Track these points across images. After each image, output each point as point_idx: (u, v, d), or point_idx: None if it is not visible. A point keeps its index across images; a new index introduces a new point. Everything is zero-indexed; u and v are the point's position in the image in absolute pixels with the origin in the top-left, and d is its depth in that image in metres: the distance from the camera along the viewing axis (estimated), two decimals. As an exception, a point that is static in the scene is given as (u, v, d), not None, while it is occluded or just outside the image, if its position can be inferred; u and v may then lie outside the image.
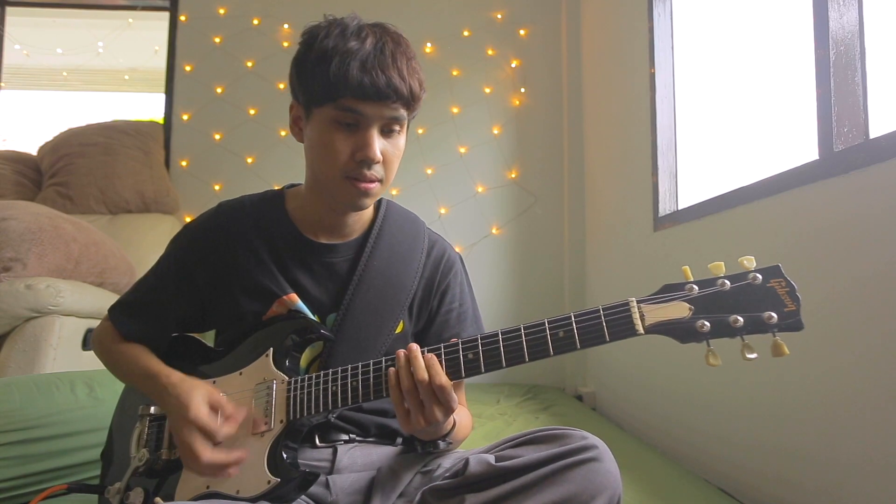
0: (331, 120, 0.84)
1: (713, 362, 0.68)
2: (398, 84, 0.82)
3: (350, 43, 0.82)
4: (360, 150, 0.83)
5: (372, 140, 0.83)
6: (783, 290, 0.67)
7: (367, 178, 0.85)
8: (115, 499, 0.89)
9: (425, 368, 0.75)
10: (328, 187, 0.89)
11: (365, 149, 0.83)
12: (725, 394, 1.64)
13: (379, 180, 0.87)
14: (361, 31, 0.84)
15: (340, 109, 0.82)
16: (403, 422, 0.77)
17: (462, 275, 1.03)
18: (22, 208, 2.04)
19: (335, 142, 0.84)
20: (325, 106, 0.83)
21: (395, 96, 0.82)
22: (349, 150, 0.84)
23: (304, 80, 0.86)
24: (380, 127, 0.85)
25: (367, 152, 0.83)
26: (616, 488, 0.73)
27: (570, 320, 0.72)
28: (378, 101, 0.82)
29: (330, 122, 0.84)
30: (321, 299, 0.93)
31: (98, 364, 1.04)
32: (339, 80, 0.80)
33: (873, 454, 1.13)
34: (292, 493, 0.80)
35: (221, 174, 3.31)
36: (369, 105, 0.82)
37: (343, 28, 0.84)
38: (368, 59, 0.81)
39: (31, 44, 4.05)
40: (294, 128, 0.92)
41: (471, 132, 3.30)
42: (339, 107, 0.82)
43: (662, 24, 2.27)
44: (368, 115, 0.83)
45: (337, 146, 0.84)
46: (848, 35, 1.33)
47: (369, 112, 0.83)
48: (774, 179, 1.49)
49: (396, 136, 0.87)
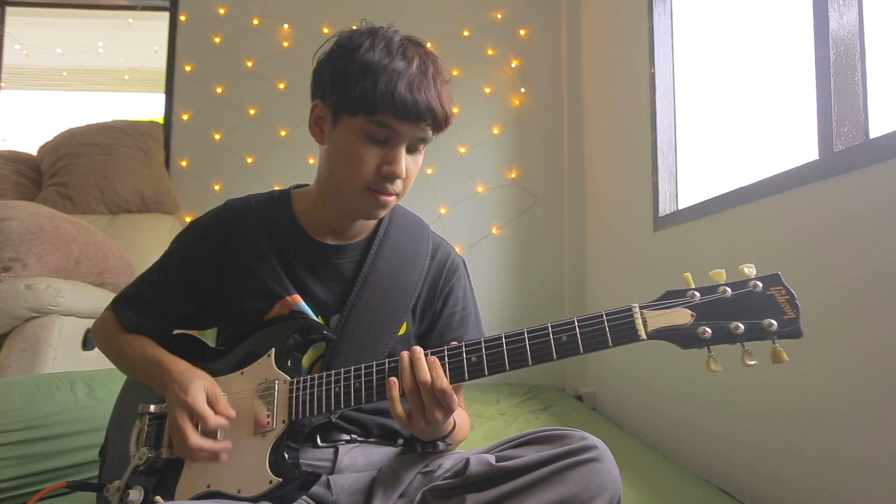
0: (362, 132, 0.84)
1: (714, 368, 0.69)
2: (437, 108, 0.84)
3: (396, 61, 0.82)
4: (388, 164, 0.84)
5: (400, 157, 0.85)
6: (783, 298, 0.68)
7: (388, 191, 0.86)
8: (114, 497, 0.89)
9: (428, 370, 0.75)
10: (346, 195, 0.89)
11: (393, 164, 0.84)
12: (725, 394, 1.64)
13: (397, 194, 0.88)
14: (406, 49, 0.85)
15: (376, 124, 0.83)
16: (404, 422, 0.77)
17: (465, 279, 1.04)
18: (22, 208, 2.04)
19: (363, 153, 0.84)
20: (358, 116, 0.83)
21: (431, 119, 0.84)
22: (376, 163, 0.84)
23: (341, 88, 0.84)
24: (407, 145, 0.86)
25: (394, 168, 0.84)
26: (616, 489, 0.73)
27: (573, 325, 0.73)
28: (415, 122, 0.83)
29: (360, 133, 0.84)
30: (326, 300, 0.93)
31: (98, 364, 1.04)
32: (384, 97, 0.81)
33: (873, 454, 1.13)
34: (294, 493, 0.80)
35: (221, 174, 3.31)
36: (406, 125, 0.83)
37: (387, 42, 0.84)
38: (415, 81, 0.82)
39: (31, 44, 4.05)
40: (315, 128, 0.91)
41: (471, 132, 3.30)
42: (375, 121, 0.82)
43: (662, 24, 2.27)
44: (402, 133, 0.84)
45: (365, 157, 0.84)
46: (848, 35, 1.33)
47: (404, 131, 0.84)
48: (774, 179, 1.49)
49: (419, 154, 0.89)
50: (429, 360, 0.76)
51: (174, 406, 0.82)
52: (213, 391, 0.84)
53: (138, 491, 0.87)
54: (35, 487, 1.21)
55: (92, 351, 2.00)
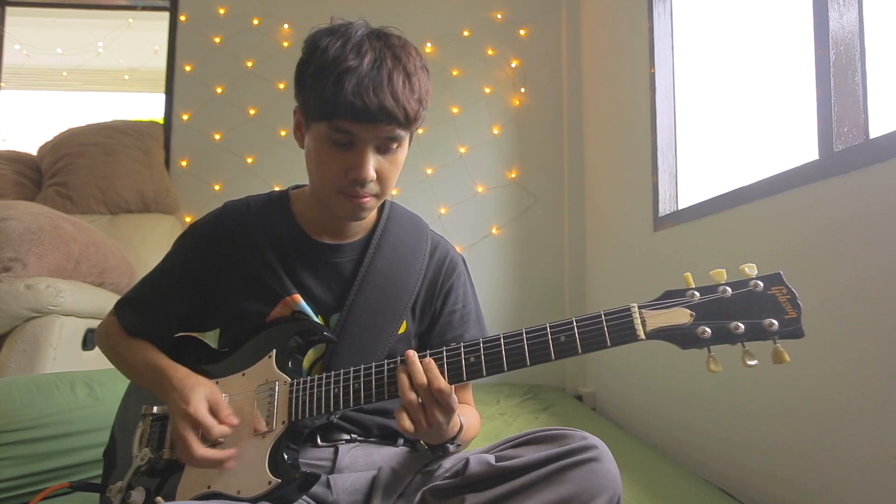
0: (325, 137, 0.83)
1: (714, 368, 0.68)
2: (391, 107, 0.79)
3: (348, 60, 0.79)
4: (353, 169, 0.83)
5: (365, 161, 0.82)
6: (784, 298, 0.68)
7: (359, 194, 0.85)
8: (116, 498, 0.89)
9: (423, 373, 0.75)
10: (324, 199, 0.89)
11: (358, 169, 0.82)
12: (725, 394, 1.64)
13: (374, 195, 0.87)
14: (362, 45, 0.81)
15: (334, 129, 0.81)
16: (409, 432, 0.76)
17: (465, 276, 1.04)
18: (22, 208, 2.04)
19: (328, 159, 0.84)
20: (320, 122, 0.82)
21: (387, 119, 0.80)
22: (343, 168, 0.83)
23: (302, 93, 0.85)
24: (375, 146, 0.83)
25: (359, 172, 0.82)
26: (616, 488, 0.73)
27: (571, 325, 0.73)
28: (371, 123, 0.80)
29: (324, 138, 0.83)
30: (325, 299, 0.93)
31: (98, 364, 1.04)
32: (333, 101, 0.79)
33: (874, 454, 1.13)
34: (293, 493, 0.80)
35: (221, 174, 3.31)
36: (363, 127, 0.80)
37: (345, 40, 0.82)
38: (363, 81, 0.79)
39: (31, 44, 4.05)
40: (297, 132, 0.92)
41: (471, 132, 3.30)
42: (332, 126, 0.81)
43: (662, 24, 2.27)
44: (362, 136, 0.82)
45: (330, 163, 0.84)
46: (848, 35, 1.33)
47: (363, 134, 0.81)
48: (774, 179, 1.49)
49: (394, 152, 0.86)
50: (424, 363, 0.76)
51: (176, 416, 0.83)
52: (215, 398, 0.84)
53: (140, 492, 0.87)
54: (35, 488, 1.21)
55: (92, 351, 2.00)
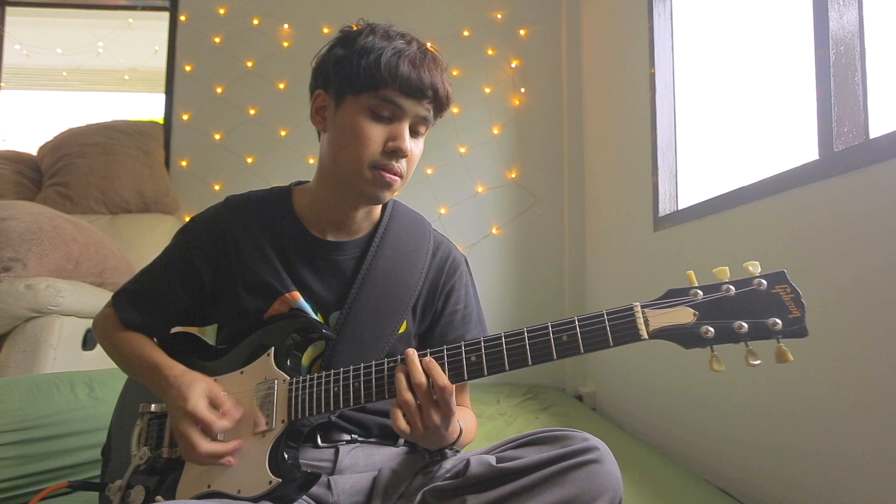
0: (366, 109, 0.85)
1: (717, 368, 0.67)
2: (439, 86, 0.87)
3: (396, 42, 0.86)
4: (393, 140, 0.86)
5: (405, 132, 0.87)
6: (788, 297, 0.67)
7: (394, 169, 0.87)
8: (116, 497, 0.89)
9: (422, 372, 0.75)
10: (351, 176, 0.88)
11: (398, 140, 0.86)
12: (726, 394, 1.64)
13: (401, 175, 0.88)
14: (405, 35, 0.89)
15: (381, 100, 0.85)
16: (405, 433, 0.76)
17: (467, 276, 1.03)
18: (22, 208, 2.04)
19: (369, 129, 0.85)
20: (363, 94, 0.85)
21: (433, 96, 0.87)
22: (382, 139, 0.86)
23: (344, 71, 0.86)
24: (410, 124, 0.87)
25: (399, 143, 0.86)
26: (617, 490, 0.73)
27: (573, 324, 0.72)
28: (418, 98, 0.86)
29: (365, 110, 0.86)
30: (325, 297, 0.92)
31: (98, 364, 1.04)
32: (389, 71, 0.83)
33: (874, 453, 1.13)
34: (293, 493, 0.80)
35: (221, 174, 3.31)
36: (409, 101, 0.85)
37: (386, 30, 0.88)
38: (417, 58, 0.86)
39: (31, 44, 4.05)
40: (316, 117, 0.92)
41: (471, 132, 3.30)
42: (380, 97, 0.84)
43: (662, 24, 2.27)
44: (406, 109, 0.86)
45: (371, 133, 0.85)
46: (848, 35, 1.33)
47: (407, 107, 0.86)
48: (774, 179, 1.49)
49: (419, 137, 0.91)
50: (424, 362, 0.76)
51: (175, 414, 0.82)
52: (214, 393, 0.83)
53: (139, 491, 0.87)
54: (35, 488, 1.21)
55: (92, 351, 2.00)
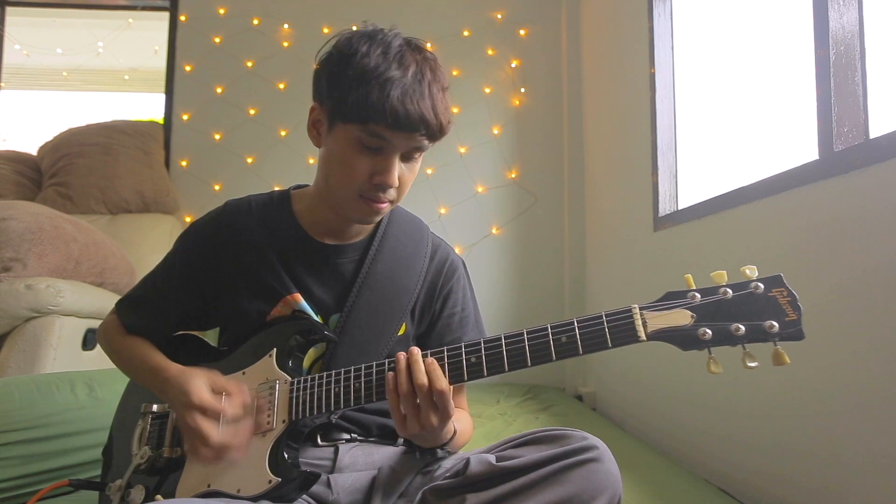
0: (354, 139, 0.83)
1: (714, 370, 0.68)
2: (430, 119, 0.82)
3: (392, 70, 0.80)
4: (380, 174, 0.83)
5: (392, 167, 0.83)
6: (785, 300, 0.68)
7: (380, 199, 0.86)
8: (116, 496, 0.89)
9: (425, 373, 0.75)
10: (340, 201, 0.89)
11: (385, 174, 0.83)
12: (725, 394, 1.64)
13: (391, 201, 0.88)
14: (404, 56, 0.83)
15: (368, 133, 0.81)
16: (399, 425, 0.77)
17: (465, 279, 1.04)
18: (22, 208, 2.04)
19: (355, 162, 0.83)
20: (351, 124, 0.82)
21: (425, 130, 0.82)
22: (368, 171, 0.84)
23: (336, 93, 0.83)
24: (402, 154, 0.85)
25: (385, 178, 0.83)
26: (616, 489, 0.73)
27: (572, 325, 0.73)
28: (408, 132, 0.82)
29: (353, 140, 0.83)
30: (325, 300, 0.93)
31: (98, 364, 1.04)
32: (375, 108, 0.79)
33: (874, 453, 1.13)
34: (293, 492, 0.80)
35: (221, 174, 3.31)
36: (399, 135, 0.82)
37: (385, 48, 0.82)
38: (407, 91, 0.80)
39: (31, 44, 4.05)
40: (312, 130, 0.91)
41: (471, 132, 3.30)
42: (367, 130, 0.81)
43: (662, 24, 2.27)
44: (395, 143, 0.83)
45: (357, 166, 0.84)
46: (848, 35, 1.33)
47: (396, 141, 0.82)
48: (774, 179, 1.49)
49: (415, 161, 0.88)
50: (426, 362, 0.76)
51: (181, 411, 0.81)
52: (215, 380, 0.83)
53: (140, 490, 0.87)
54: (35, 487, 1.21)
55: (92, 351, 2.00)
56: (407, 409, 0.75)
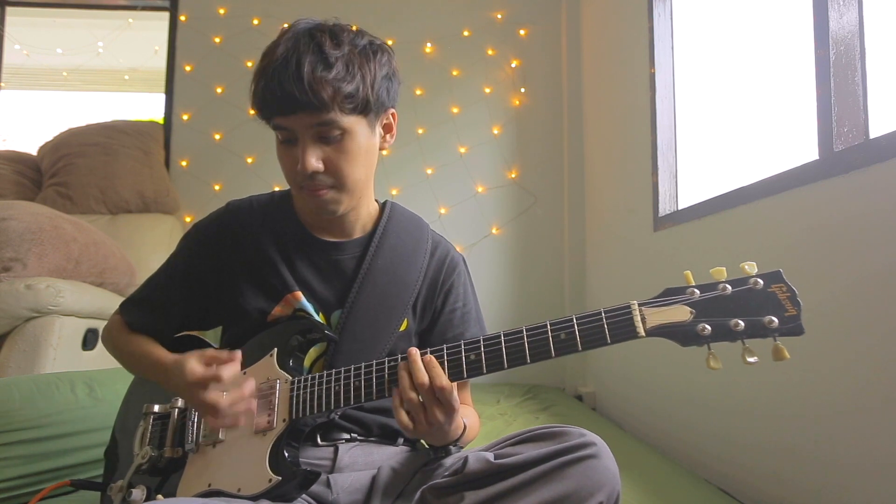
0: (275, 137, 0.87)
1: (714, 366, 0.69)
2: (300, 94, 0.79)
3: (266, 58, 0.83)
4: (295, 163, 0.85)
5: (304, 152, 0.83)
6: (784, 295, 0.68)
7: (314, 186, 0.86)
8: (117, 497, 0.89)
9: (425, 371, 0.75)
10: (296, 198, 0.94)
11: (298, 162, 0.84)
12: (725, 394, 1.64)
13: (330, 187, 0.87)
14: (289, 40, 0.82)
15: (274, 127, 0.86)
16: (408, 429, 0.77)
17: (465, 276, 1.04)
18: (22, 208, 2.04)
19: (282, 157, 0.88)
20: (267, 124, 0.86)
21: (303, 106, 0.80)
22: (292, 163, 0.86)
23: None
24: (314, 136, 0.83)
25: (300, 164, 0.84)
26: (614, 485, 0.74)
27: (571, 322, 0.73)
28: (296, 113, 0.81)
29: (276, 139, 0.87)
30: (327, 296, 0.94)
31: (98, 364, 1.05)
32: (263, 101, 0.83)
33: (873, 453, 1.13)
34: (293, 491, 0.81)
35: (221, 174, 3.31)
36: (289, 119, 0.82)
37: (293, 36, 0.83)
38: (274, 74, 0.80)
39: (31, 44, 4.05)
40: None
41: (471, 132, 3.30)
42: (272, 125, 0.85)
43: (662, 24, 2.27)
44: (294, 128, 0.83)
45: (284, 161, 0.88)
46: (848, 35, 1.33)
47: (293, 125, 0.83)
48: (774, 179, 1.49)
49: (339, 140, 0.84)
50: (425, 360, 0.76)
51: (185, 393, 0.83)
52: (204, 353, 0.83)
53: (141, 490, 0.87)
54: (35, 487, 1.21)
55: (92, 351, 2.00)
56: (411, 408, 0.76)
